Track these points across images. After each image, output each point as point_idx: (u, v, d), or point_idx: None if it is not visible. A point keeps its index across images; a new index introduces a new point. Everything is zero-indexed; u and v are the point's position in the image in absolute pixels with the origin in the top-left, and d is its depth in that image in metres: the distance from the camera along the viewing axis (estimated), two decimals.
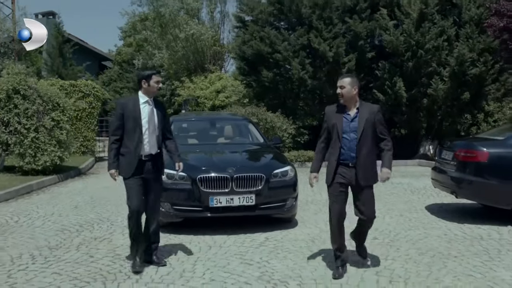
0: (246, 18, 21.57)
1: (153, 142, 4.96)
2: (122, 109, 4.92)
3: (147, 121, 4.90)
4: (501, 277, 4.57)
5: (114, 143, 4.92)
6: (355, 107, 4.73)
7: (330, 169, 4.74)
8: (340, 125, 4.67)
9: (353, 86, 4.68)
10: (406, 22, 18.01)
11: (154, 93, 5.00)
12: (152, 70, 5.06)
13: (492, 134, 8.21)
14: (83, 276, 4.61)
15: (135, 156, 4.85)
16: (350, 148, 4.65)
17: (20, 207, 8.38)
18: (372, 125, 4.66)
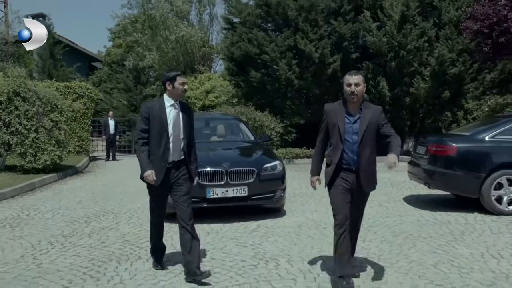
0: (234, 20, 22.21)
1: (177, 148, 4.64)
2: (147, 112, 4.61)
3: (172, 125, 4.59)
4: (461, 253, 5.29)
5: (144, 145, 4.62)
6: (358, 107, 4.34)
7: (330, 171, 4.38)
8: (342, 126, 4.30)
9: (364, 84, 4.34)
10: (389, 24, 18.76)
11: (179, 95, 4.68)
12: (177, 71, 4.77)
13: (461, 130, 9.00)
14: (99, 257, 5.26)
15: (163, 162, 4.57)
16: (352, 151, 4.32)
17: (28, 202, 8.97)
18: (374, 128, 4.32)
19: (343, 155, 4.32)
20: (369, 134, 4.29)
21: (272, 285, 4.34)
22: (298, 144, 18.52)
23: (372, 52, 19.04)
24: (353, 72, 4.38)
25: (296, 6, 19.70)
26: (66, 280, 4.50)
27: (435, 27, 18.98)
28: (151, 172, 4.53)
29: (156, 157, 4.58)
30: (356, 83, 4.24)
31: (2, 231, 6.58)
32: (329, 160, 4.43)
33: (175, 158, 4.66)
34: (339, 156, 4.31)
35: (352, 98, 4.26)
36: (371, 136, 4.32)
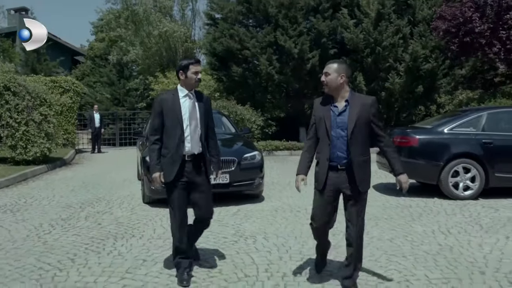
0: (216, 16, 22.79)
1: (195, 141, 4.38)
2: (160, 106, 4.36)
3: (188, 117, 4.33)
4: (415, 230, 6.05)
5: (155, 143, 4.40)
6: (344, 98, 4.00)
7: (322, 171, 4.04)
8: (328, 119, 3.97)
9: (339, 73, 3.95)
10: (365, 21, 19.58)
11: (192, 85, 4.38)
12: (190, 59, 4.41)
13: (424, 123, 9.81)
14: (97, 236, 5.91)
15: (177, 156, 4.30)
16: (337, 147, 3.97)
17: (23, 191, 9.55)
18: (365, 121, 3.95)
19: (330, 151, 3.98)
20: (359, 128, 3.92)
21: (250, 256, 5.05)
22: (278, 136, 19.25)
23: (349, 48, 19.82)
24: (330, 61, 4.14)
25: (276, 3, 20.36)
26: (71, 254, 5.15)
27: (410, 24, 19.80)
28: (159, 175, 4.34)
29: (170, 151, 4.32)
30: (325, 73, 4.01)
31: (4, 216, 7.18)
32: (317, 157, 4.13)
33: (195, 151, 4.39)
34: (326, 152, 4.00)
35: (324, 89, 4.04)
36: (362, 129, 3.94)
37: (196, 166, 4.41)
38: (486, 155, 8.06)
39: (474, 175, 8.09)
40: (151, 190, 7.69)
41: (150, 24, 24.67)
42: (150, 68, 26.37)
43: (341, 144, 3.96)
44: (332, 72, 3.97)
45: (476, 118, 8.42)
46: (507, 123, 8.53)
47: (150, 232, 6.09)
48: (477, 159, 8.07)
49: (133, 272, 4.54)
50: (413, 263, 4.77)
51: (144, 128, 11.37)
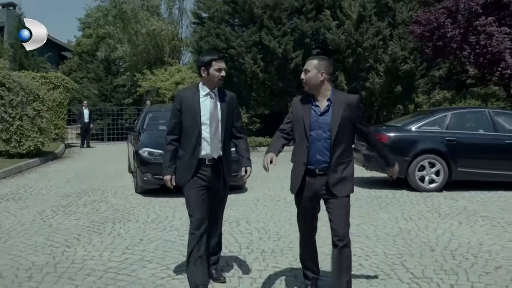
0: (203, 15, 23.41)
1: (215, 143, 4.05)
2: (179, 103, 4.11)
3: (208, 117, 4.04)
4: (381, 217, 6.82)
5: (171, 143, 4.14)
6: (326, 97, 3.72)
7: (297, 174, 3.77)
8: (308, 119, 3.68)
9: (320, 70, 3.67)
10: (347, 23, 20.32)
11: (215, 84, 4.06)
12: (213, 55, 4.07)
13: (395, 122, 10.62)
14: (96, 220, 6.57)
15: (193, 159, 4.01)
16: (317, 149, 3.67)
17: (20, 182, 10.15)
18: (349, 122, 3.68)
19: (308, 154, 3.68)
20: (342, 129, 3.63)
21: (234, 237, 5.77)
22: (262, 133, 19.98)
23: (331, 48, 20.55)
24: (310, 57, 3.89)
25: (262, 4, 21.01)
26: (76, 234, 5.82)
27: (389, 26, 20.55)
28: (170, 178, 4.12)
29: (187, 153, 4.05)
30: (305, 69, 3.75)
31: (8, 203, 7.80)
32: (293, 159, 3.85)
33: (214, 155, 4.05)
34: (303, 155, 3.69)
35: (303, 86, 3.78)
36: (345, 131, 3.67)
37: (215, 171, 4.08)
38: (449, 151, 8.87)
39: (438, 169, 8.90)
40: (143, 181, 8.39)
41: (138, 23, 25.24)
42: (138, 65, 26.93)
43: (321, 146, 3.65)
44: (312, 69, 3.69)
45: (441, 117, 9.25)
46: (469, 123, 9.39)
47: (144, 217, 6.78)
48: (441, 155, 8.88)
49: (132, 248, 5.23)
50: (375, 243, 5.53)
51: (135, 124, 11.99)
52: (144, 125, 10.20)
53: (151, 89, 24.24)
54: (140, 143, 8.93)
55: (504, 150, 8.89)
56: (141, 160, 8.48)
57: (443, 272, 4.55)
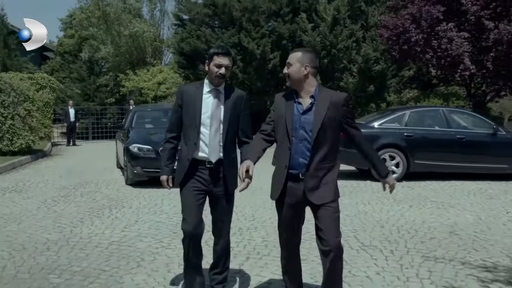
0: (184, 17, 24.31)
1: (214, 146, 3.69)
2: (181, 98, 3.80)
3: (209, 116, 3.68)
4: (343, 202, 7.80)
5: (169, 141, 3.84)
6: (309, 94, 3.38)
7: (278, 179, 3.45)
8: (290, 117, 3.37)
9: (303, 63, 3.34)
10: (322, 25, 21.35)
11: (213, 80, 3.69)
12: (217, 48, 3.73)
13: (360, 120, 11.65)
14: (94, 207, 7.46)
15: (188, 159, 3.68)
16: (299, 151, 3.35)
17: (17, 177, 10.96)
18: (335, 122, 3.32)
19: (290, 157, 3.36)
20: (326, 130, 3.28)
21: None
22: None
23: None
24: (294, 49, 3.57)
25: (240, 7, 21.99)
26: (79, 218, 6.72)
27: (362, 29, 21.66)
28: (166, 178, 3.80)
29: (184, 153, 3.75)
30: (287, 63, 3.42)
31: (11, 195, 8.65)
32: (274, 162, 3.54)
33: (212, 158, 3.67)
34: (284, 158, 3.38)
35: (287, 82, 3.48)
36: (330, 132, 3.30)
37: (214, 176, 3.69)
38: (407, 146, 9.95)
39: (398, 161, 9.97)
40: (134, 173, 9.32)
41: (121, 25, 26.02)
42: (120, 65, 27.69)
43: (303, 148, 3.32)
44: (295, 62, 3.36)
45: (401, 115, 10.35)
46: (425, 120, 10.47)
47: (136, 204, 7.71)
48: (400, 149, 9.96)
49: (129, 228, 6.17)
50: None
51: (123, 122, 12.85)
52: (132, 124, 11.09)
53: (134, 89, 25.04)
54: (130, 140, 9.83)
55: (455, 144, 9.99)
56: (132, 155, 9.38)
57: (387, 242, 5.58)
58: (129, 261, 4.79)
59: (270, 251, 5.19)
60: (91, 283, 4.20)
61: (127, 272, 4.48)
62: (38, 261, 4.79)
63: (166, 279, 4.33)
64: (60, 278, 4.32)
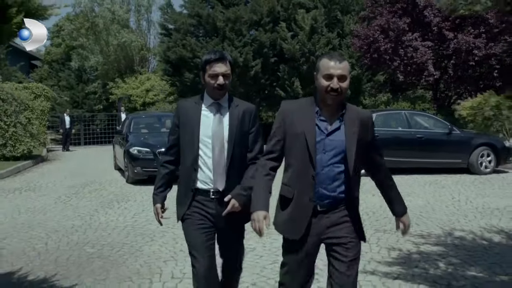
0: (170, 27, 25.57)
1: (220, 170, 3.08)
2: (177, 116, 3.23)
3: (210, 136, 3.09)
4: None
5: (164, 166, 3.30)
6: (337, 110, 2.73)
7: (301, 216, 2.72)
8: (313, 137, 2.67)
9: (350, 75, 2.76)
10: (301, 34, 22.74)
11: (212, 93, 3.11)
12: (209, 54, 3.09)
13: None
14: (104, 201, 8.70)
15: (188, 189, 3.12)
16: (322, 180, 2.69)
17: (26, 179, 12.13)
18: (364, 144, 2.74)
19: (314, 187, 2.68)
20: (358, 156, 2.72)
21: None
22: None
23: (287, 57, 22.93)
24: (336, 55, 2.75)
25: (224, 17, 23.35)
26: (93, 209, 7.97)
27: (339, 37, 23.10)
28: (159, 206, 3.26)
29: (183, 180, 3.20)
30: (340, 76, 2.65)
31: (26, 193, 9.83)
32: (289, 192, 2.75)
33: (220, 186, 3.08)
34: (307, 188, 2.68)
35: (333, 99, 2.67)
36: (359, 158, 2.75)
37: (222, 208, 3.05)
38: None
39: None
40: (134, 173, 10.56)
41: (110, 35, 27.20)
42: (109, 73, 28.85)
43: (325, 176, 2.69)
44: (348, 75, 2.71)
45: None
46: (390, 122, 11.88)
47: (140, 198, 8.96)
48: None
49: (138, 215, 7.44)
50: None
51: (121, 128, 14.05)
52: (130, 129, 12.34)
53: (123, 96, 26.22)
54: (129, 143, 11.08)
55: (416, 142, 11.41)
56: (132, 156, 10.63)
57: None
58: (143, 237, 6.08)
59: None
60: (118, 251, 5.48)
61: (144, 244, 5.76)
62: (72, 239, 6.06)
63: (174, 248, 5.61)
64: (93, 249, 5.60)
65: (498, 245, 5.61)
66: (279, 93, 22.83)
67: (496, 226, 6.50)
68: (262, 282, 4.46)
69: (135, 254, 5.37)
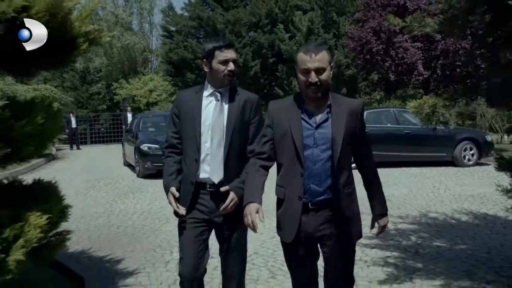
0: (172, 29, 26.50)
1: (217, 162, 2.97)
2: (177, 106, 3.12)
3: (209, 125, 2.99)
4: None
5: (170, 155, 3.12)
6: (324, 102, 2.64)
7: (292, 214, 2.65)
8: (299, 133, 2.60)
9: (330, 64, 2.62)
10: (298, 35, 23.71)
11: (221, 80, 3.00)
12: (217, 42, 2.98)
13: None
14: (119, 192, 9.63)
15: (190, 182, 2.99)
16: (315, 175, 2.60)
17: (42, 175, 12.81)
18: (353, 136, 2.64)
19: (303, 184, 2.60)
20: (347, 146, 2.61)
21: None
22: None
23: (285, 57, 23.88)
24: (312, 48, 2.58)
25: (224, 20, 24.32)
26: (111, 199, 8.90)
27: (334, 37, 24.06)
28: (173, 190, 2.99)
29: (185, 174, 3.05)
30: (317, 69, 2.52)
31: None
32: (281, 193, 2.70)
33: (215, 179, 2.98)
34: (297, 186, 2.61)
35: (314, 92, 2.56)
36: (348, 150, 2.66)
37: (217, 201, 2.98)
38: None
39: None
40: (145, 168, 11.49)
41: (113, 37, 28.11)
42: (112, 74, 29.79)
43: (321, 171, 2.60)
44: (327, 65, 2.58)
45: None
46: (380, 119, 12.82)
47: (152, 190, 9.89)
48: None
49: (152, 203, 8.37)
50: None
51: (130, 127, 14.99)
52: (139, 128, 13.28)
53: (127, 96, 27.14)
54: (140, 141, 12.00)
55: (403, 137, 12.35)
56: (142, 152, 11.56)
57: None
58: (160, 220, 7.02)
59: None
60: (140, 231, 6.43)
61: (161, 225, 6.70)
62: (98, 222, 7.01)
63: None
64: (118, 229, 6.55)
65: (464, 223, 6.56)
66: (277, 92, 23.76)
67: (467, 209, 7.44)
68: (263, 250, 5.39)
69: (155, 233, 6.31)
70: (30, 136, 2.87)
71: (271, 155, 2.73)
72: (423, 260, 4.99)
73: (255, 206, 2.54)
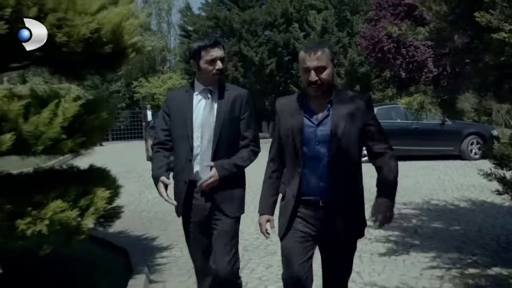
0: (189, 28, 27.25)
1: (207, 160, 3.00)
2: (167, 105, 3.15)
3: (200, 123, 3.01)
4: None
5: (158, 151, 3.18)
6: (326, 98, 2.63)
7: (286, 208, 2.72)
8: (299, 130, 2.61)
9: (333, 64, 2.63)
10: (312, 34, 24.25)
11: (210, 80, 3.03)
12: (202, 41, 3.00)
13: None
14: (147, 184, 10.34)
15: (183, 181, 3.09)
16: (316, 172, 2.61)
17: None
18: (357, 132, 2.61)
19: (302, 181, 2.62)
20: (348, 142, 2.59)
21: None
22: None
23: None
24: (312, 46, 2.63)
25: (240, 19, 24.98)
26: (139, 190, 9.70)
27: (348, 36, 24.61)
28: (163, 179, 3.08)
29: (178, 175, 3.14)
30: (317, 67, 2.55)
31: None
32: (283, 189, 2.78)
33: (204, 176, 3.01)
34: (294, 183, 2.65)
35: (314, 91, 2.61)
36: (352, 144, 2.62)
37: (207, 199, 3.05)
38: None
39: None
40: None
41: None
42: (132, 73, 30.64)
43: (322, 167, 2.60)
44: (328, 63, 2.59)
45: None
46: (390, 114, 13.46)
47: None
48: None
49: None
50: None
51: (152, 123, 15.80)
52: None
53: (147, 94, 27.95)
54: None
55: (412, 132, 12.98)
56: None
57: None
58: None
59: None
60: (169, 216, 7.13)
61: None
62: (130, 208, 7.76)
63: None
64: (150, 214, 7.32)
65: (462, 209, 7.22)
66: (293, 89, 24.37)
67: (467, 197, 8.09)
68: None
69: None
70: (97, 128, 3.61)
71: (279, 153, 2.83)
72: (420, 238, 5.68)
73: (266, 217, 2.83)
